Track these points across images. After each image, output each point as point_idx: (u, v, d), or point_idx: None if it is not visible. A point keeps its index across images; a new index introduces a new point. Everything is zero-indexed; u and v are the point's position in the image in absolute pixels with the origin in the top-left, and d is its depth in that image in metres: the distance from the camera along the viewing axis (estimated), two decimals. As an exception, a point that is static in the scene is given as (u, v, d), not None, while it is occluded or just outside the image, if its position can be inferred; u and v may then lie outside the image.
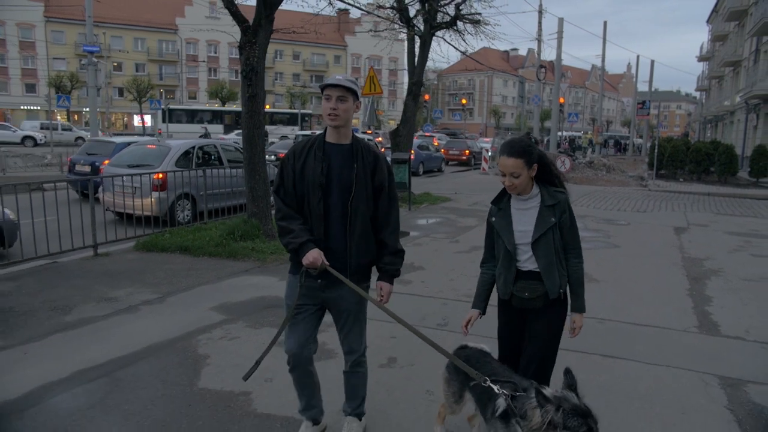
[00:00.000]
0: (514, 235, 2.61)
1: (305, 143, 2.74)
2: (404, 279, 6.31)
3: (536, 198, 2.61)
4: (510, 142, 2.58)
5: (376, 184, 2.71)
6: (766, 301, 5.80)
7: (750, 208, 13.91)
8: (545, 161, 2.62)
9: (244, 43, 7.41)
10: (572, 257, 2.65)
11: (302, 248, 2.60)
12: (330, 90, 2.59)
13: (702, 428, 3.20)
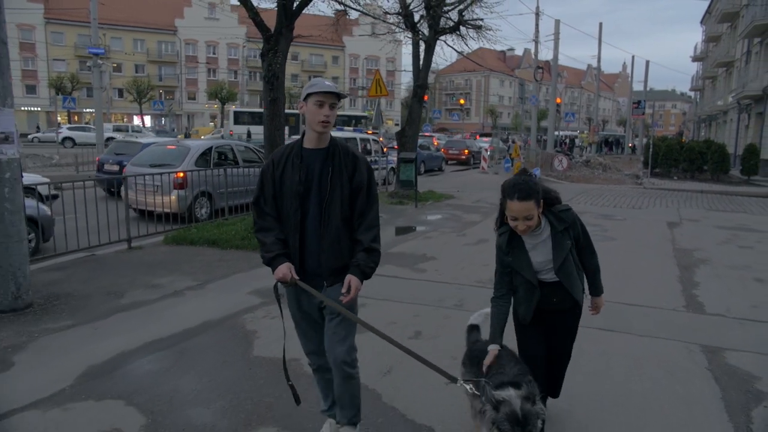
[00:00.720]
0: (534, 268, 2.70)
1: (284, 151, 2.73)
2: (419, 267, 6.91)
3: (546, 228, 2.68)
4: (515, 185, 2.58)
5: (355, 185, 2.68)
6: (746, 285, 6.41)
7: (740, 205, 14.55)
8: (549, 195, 2.72)
9: (266, 50, 7.98)
10: (587, 254, 2.83)
11: (273, 263, 2.65)
12: (324, 96, 2.57)
13: (685, 384, 3.80)
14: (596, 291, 2.96)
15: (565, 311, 2.79)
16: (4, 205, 4.89)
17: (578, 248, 2.77)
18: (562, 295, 2.73)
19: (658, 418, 3.34)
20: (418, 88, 13.54)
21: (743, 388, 3.73)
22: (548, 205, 2.70)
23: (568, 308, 2.79)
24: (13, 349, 4.21)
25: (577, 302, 2.78)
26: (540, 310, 2.76)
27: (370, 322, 4.68)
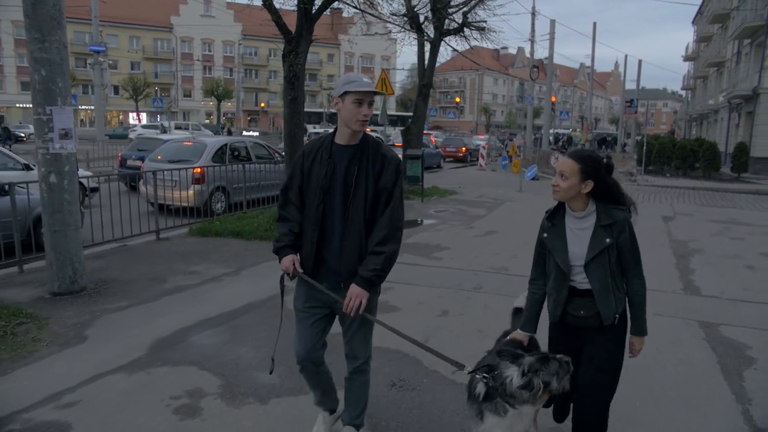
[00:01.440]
0: (569, 256, 2.48)
1: (316, 144, 2.70)
2: (435, 256, 7.40)
3: (591, 217, 2.47)
4: (580, 149, 2.58)
5: (381, 186, 2.59)
6: (738, 272, 6.96)
7: (731, 201, 15.16)
8: (607, 186, 2.47)
9: (288, 52, 8.42)
10: (633, 278, 2.50)
11: (280, 252, 2.67)
12: (364, 95, 2.51)
13: (686, 352, 4.31)
14: (637, 328, 2.53)
15: (595, 331, 2.48)
16: (64, 196, 5.32)
17: (622, 261, 2.47)
18: (591, 307, 2.46)
19: (664, 377, 3.85)
20: (423, 87, 14.02)
21: (736, 355, 4.26)
22: (606, 198, 2.47)
23: (598, 327, 2.47)
24: (82, 325, 4.66)
25: (612, 324, 2.46)
26: (568, 325, 2.55)
27: (399, 304, 5.21)
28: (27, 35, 5.08)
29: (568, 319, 2.53)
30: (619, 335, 2.50)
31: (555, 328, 2.62)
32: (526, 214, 11.18)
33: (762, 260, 7.68)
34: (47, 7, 5.02)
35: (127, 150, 15.13)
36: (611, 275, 2.44)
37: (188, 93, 68.20)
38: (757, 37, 24.67)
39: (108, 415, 3.23)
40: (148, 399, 3.44)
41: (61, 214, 5.33)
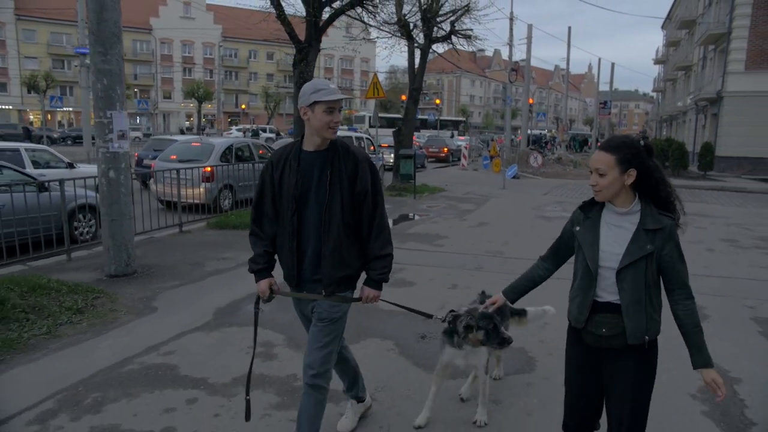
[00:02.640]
0: (600, 255, 2.17)
1: (282, 152, 2.65)
2: (437, 243, 8.30)
3: (635, 216, 2.15)
4: (611, 137, 2.25)
5: (358, 189, 2.57)
6: (700, 254, 8.03)
7: (697, 196, 16.40)
8: (654, 174, 2.16)
9: (298, 60, 9.26)
10: (681, 298, 2.16)
11: (257, 276, 2.69)
12: (335, 103, 2.50)
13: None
14: (703, 360, 2.16)
15: (617, 353, 2.18)
16: (120, 189, 6.08)
17: (665, 278, 2.16)
18: (615, 324, 2.14)
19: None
20: (413, 90, 14.94)
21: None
22: (654, 199, 2.17)
23: (621, 348, 2.16)
24: (148, 299, 5.43)
25: (640, 346, 2.15)
26: (587, 348, 2.26)
27: (413, 280, 6.07)
28: (91, 49, 5.83)
29: (586, 338, 2.23)
30: (648, 360, 2.18)
31: (573, 344, 2.34)
32: (512, 208, 12.21)
33: (720, 245, 8.78)
34: (109, 24, 5.78)
35: (142, 150, 15.83)
36: (646, 289, 2.10)
37: (168, 95, 68.09)
38: (720, 44, 26.23)
39: (203, 360, 4.04)
40: (230, 348, 4.26)
41: (118, 205, 6.08)
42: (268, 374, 3.85)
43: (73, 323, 4.68)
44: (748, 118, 23.30)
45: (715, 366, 2.20)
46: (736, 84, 24.03)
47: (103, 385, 3.59)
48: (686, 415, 3.39)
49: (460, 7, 14.30)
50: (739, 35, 23.73)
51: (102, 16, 5.73)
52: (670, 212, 2.17)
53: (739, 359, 4.22)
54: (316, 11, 9.03)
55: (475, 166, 26.97)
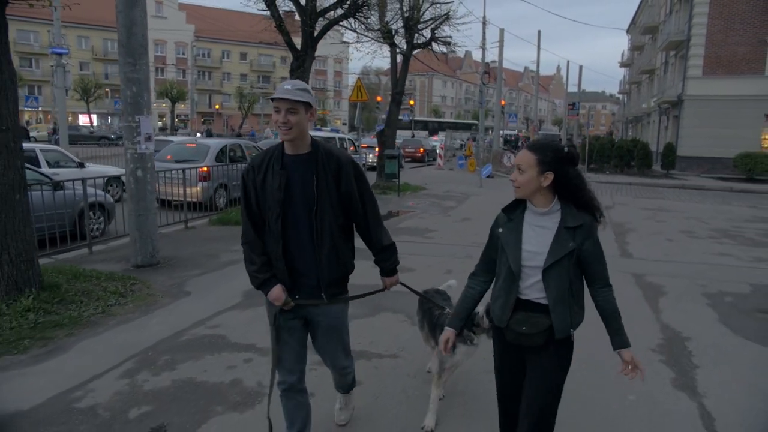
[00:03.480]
0: (522, 255, 2.23)
1: (264, 156, 2.62)
2: (427, 236, 9.09)
3: (556, 215, 2.23)
4: (538, 139, 2.33)
5: (343, 191, 2.58)
6: (660, 243, 9.03)
7: (660, 194, 17.63)
8: (569, 177, 2.22)
9: (295, 67, 9.92)
10: (600, 288, 2.30)
11: (265, 286, 2.59)
12: (278, 102, 2.44)
13: (621, 290, 6.08)
14: (620, 342, 2.30)
15: (537, 348, 2.26)
16: (147, 187, 6.69)
17: (587, 271, 2.28)
18: (536, 323, 2.22)
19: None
20: (396, 94, 15.73)
21: (654, 291, 6.17)
22: (570, 195, 2.24)
23: (542, 344, 2.24)
24: (179, 285, 6.07)
25: (554, 340, 2.23)
26: (508, 345, 2.34)
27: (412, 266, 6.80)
28: (121, 59, 6.44)
29: (507, 335, 2.29)
30: (563, 354, 2.28)
31: (498, 340, 2.41)
32: (491, 205, 13.04)
33: (678, 236, 9.81)
34: (138, 38, 6.39)
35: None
36: (570, 285, 2.20)
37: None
38: (680, 50, 27.75)
39: (246, 331, 4.73)
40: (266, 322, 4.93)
41: (145, 201, 6.69)
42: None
43: (120, 305, 5.30)
44: (706, 121, 24.80)
45: (670, 328, 2.97)
46: (695, 88, 25.52)
47: (169, 350, 4.26)
48: (648, 364, 4.23)
49: (439, 15, 15.13)
50: (696, 43, 25.23)
51: (132, 30, 6.35)
52: (590, 207, 2.25)
53: (689, 324, 5.11)
54: (312, 22, 9.71)
55: (450, 165, 27.87)
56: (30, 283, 5.07)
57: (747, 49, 24.46)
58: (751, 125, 24.42)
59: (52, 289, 5.23)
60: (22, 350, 4.22)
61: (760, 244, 9.26)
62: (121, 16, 6.32)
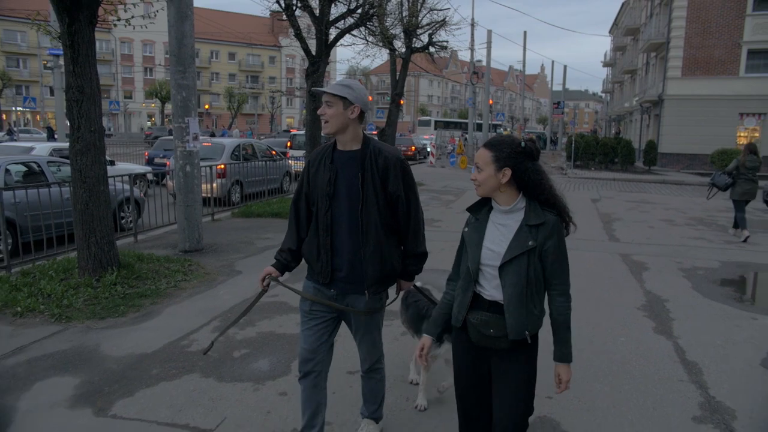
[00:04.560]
0: (482, 253, 2.18)
1: (320, 151, 2.71)
2: (435, 225, 10.05)
3: (519, 213, 2.18)
4: (494, 136, 2.31)
5: (390, 190, 2.59)
6: (643, 229, 10.09)
7: (642, 188, 18.81)
8: (527, 172, 2.15)
9: (311, 72, 10.81)
10: (557, 295, 2.18)
11: (274, 264, 2.86)
12: (324, 95, 2.58)
13: (611, 267, 7.18)
14: (561, 355, 2.22)
15: (507, 353, 2.20)
16: (194, 181, 7.55)
17: (545, 272, 2.17)
18: (500, 324, 2.16)
19: (599, 277, 6.68)
20: (396, 95, 16.68)
21: (639, 266, 7.20)
22: (531, 190, 2.19)
23: (510, 348, 2.19)
24: (229, 266, 6.95)
25: (521, 342, 2.17)
26: (476, 348, 2.26)
27: (429, 250, 7.70)
28: (172, 68, 7.29)
29: (472, 335, 2.23)
30: (531, 356, 2.22)
31: (459, 342, 2.34)
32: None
33: (659, 223, 10.90)
34: (187, 48, 7.25)
35: (152, 150, 16.99)
36: (527, 285, 2.12)
37: (129, 95, 67.58)
38: (660, 51, 29.06)
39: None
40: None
41: (192, 193, 7.56)
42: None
43: (186, 281, 6.18)
44: (685, 119, 26.11)
45: (652, 293, 3.89)
46: (675, 88, 26.82)
47: (244, 312, 5.16)
48: (634, 318, 5.23)
49: (436, 21, 16.11)
50: (675, 45, 26.52)
51: (182, 42, 7.21)
52: (552, 204, 2.19)
53: (667, 290, 6.13)
54: (326, 30, 10.61)
55: (442, 163, 28.85)
56: (111, 262, 5.93)
57: (722, 51, 25.81)
58: (727, 123, 25.77)
59: (128, 267, 6.09)
60: (121, 314, 5.09)
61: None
62: (173, 30, 7.17)
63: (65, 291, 5.43)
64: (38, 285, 5.57)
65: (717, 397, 3.66)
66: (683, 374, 4.00)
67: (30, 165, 8.45)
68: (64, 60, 5.62)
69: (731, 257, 8.01)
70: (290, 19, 10.39)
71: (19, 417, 3.31)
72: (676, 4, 26.31)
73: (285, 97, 73.53)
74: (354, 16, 11.25)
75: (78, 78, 5.57)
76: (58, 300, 5.24)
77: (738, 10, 25.40)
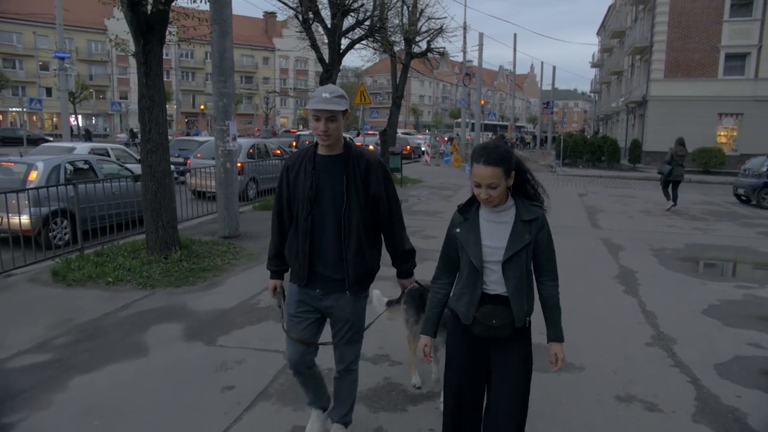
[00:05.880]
0: (483, 251, 2.28)
1: (298, 155, 2.76)
2: (438, 216, 11.24)
3: (511, 210, 2.31)
4: (485, 148, 2.28)
5: (372, 192, 2.68)
6: (623, 219, 11.39)
7: (627, 184, 20.17)
8: (522, 169, 2.33)
9: (325, 78, 11.96)
10: (547, 279, 2.36)
11: (271, 275, 2.93)
12: (318, 112, 2.55)
13: (594, 249, 8.41)
14: (555, 335, 2.38)
15: (507, 340, 2.33)
16: (232, 176, 8.70)
17: (536, 261, 2.35)
18: (504, 315, 2.28)
19: (582, 255, 7.90)
20: (396, 98, 17.86)
21: (616, 247, 8.46)
22: (523, 192, 2.35)
23: (510, 336, 2.32)
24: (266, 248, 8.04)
25: (518, 331, 2.32)
26: (476, 339, 2.35)
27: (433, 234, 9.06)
28: (214, 78, 8.43)
29: (475, 329, 2.34)
30: (528, 339, 2.39)
31: (460, 339, 2.41)
32: (483, 193, 15.38)
33: (638, 214, 12.21)
34: (228, 61, 8.39)
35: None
36: (526, 275, 2.30)
37: (124, 95, 68.21)
38: (644, 54, 30.47)
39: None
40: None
41: (231, 187, 8.70)
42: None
43: (236, 259, 7.33)
44: (668, 119, 27.49)
45: (625, 267, 5.06)
46: (658, 90, 28.22)
47: (293, 281, 6.32)
48: (609, 284, 6.44)
49: (434, 29, 17.34)
50: (658, 48, 27.93)
51: (224, 55, 8.34)
52: (538, 201, 2.36)
53: (637, 264, 7.39)
54: (338, 40, 11.78)
55: (437, 161, 30.06)
56: (174, 243, 7.06)
57: (702, 55, 27.26)
58: (707, 123, 27.21)
59: (187, 248, 7.23)
60: (192, 283, 6.24)
61: (700, 219, 11.76)
62: (216, 45, 8.30)
63: (142, 266, 6.56)
64: (116, 262, 6.70)
65: (665, 332, 4.89)
66: (642, 319, 5.24)
67: (82, 163, 9.54)
68: (138, 73, 6.72)
69: (696, 240, 9.29)
70: (307, 31, 11.53)
71: (150, 350, 4.45)
72: (659, 10, 27.71)
73: (279, 97, 74.46)
74: (363, 28, 12.41)
75: (150, 89, 6.68)
76: (138, 272, 6.37)
77: (716, 16, 26.85)
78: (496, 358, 2.35)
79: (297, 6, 11.36)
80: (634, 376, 4.00)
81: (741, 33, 26.61)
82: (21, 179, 8.27)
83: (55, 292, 5.92)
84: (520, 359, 2.33)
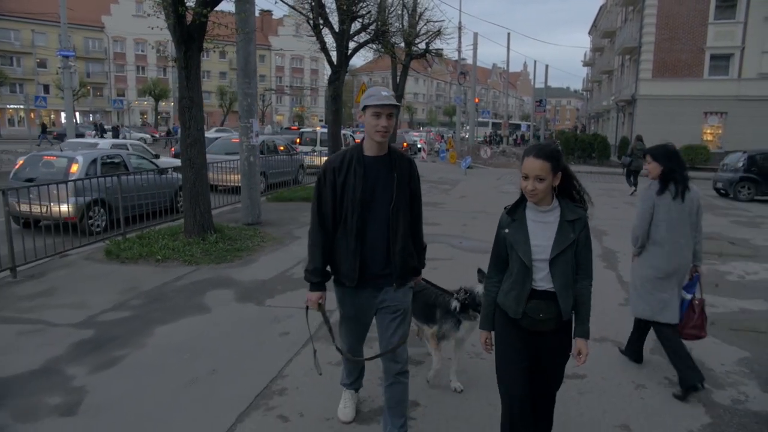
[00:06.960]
0: (531, 249, 2.44)
1: (343, 157, 2.79)
2: (441, 207, 12.19)
3: (556, 211, 2.47)
4: (537, 145, 2.47)
5: (412, 190, 2.85)
6: (609, 209, 12.40)
7: (615, 179, 21.18)
8: (569, 172, 2.49)
9: (333, 79, 12.85)
10: (582, 278, 2.51)
11: (312, 287, 2.89)
12: (381, 108, 2.62)
13: (580, 233, 9.39)
14: (583, 331, 2.52)
15: (552, 333, 2.51)
16: (255, 169, 9.60)
17: (576, 259, 2.48)
18: (550, 309, 2.45)
19: (571, 239, 8.87)
20: (398, 97, 18.78)
21: (600, 233, 9.45)
22: (569, 196, 2.53)
23: (555, 329, 2.51)
24: (288, 233, 8.99)
25: (562, 324, 2.51)
26: (524, 331, 2.52)
27: (439, 221, 9.99)
28: (239, 79, 9.31)
29: (523, 322, 2.49)
30: (570, 330, 2.56)
31: (508, 332, 2.56)
32: (478, 187, 16.35)
33: (623, 205, 13.24)
34: (252, 64, 9.28)
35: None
36: (572, 272, 2.45)
37: (122, 93, 68.63)
38: (633, 54, 31.54)
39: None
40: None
41: (254, 177, 9.61)
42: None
43: (264, 242, 8.23)
44: (656, 117, 28.56)
45: (607, 248, 6.00)
46: (646, 89, 29.30)
47: (319, 258, 7.24)
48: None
49: (432, 32, 18.29)
50: (647, 49, 29.00)
51: (248, 59, 9.23)
52: (581, 204, 2.53)
53: (618, 245, 8.34)
54: (345, 43, 12.67)
55: (433, 158, 30.96)
56: (209, 228, 7.96)
57: (688, 55, 28.35)
58: (693, 121, 28.31)
59: (220, 231, 8.13)
60: (229, 261, 7.14)
61: (680, 210, 12.75)
62: (241, 50, 9.19)
63: (183, 246, 7.46)
64: (160, 243, 7.59)
65: (637, 295, 5.85)
66: (619, 287, 6.22)
67: (115, 157, 10.40)
68: (179, 77, 7.60)
69: (674, 227, 10.27)
70: (318, 36, 12.41)
71: (212, 309, 5.36)
72: (647, 12, 28.77)
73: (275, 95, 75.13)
74: (368, 32, 13.31)
75: (189, 90, 7.57)
76: (182, 252, 7.27)
77: (702, 19, 27.94)
78: (545, 349, 2.54)
79: (308, 12, 12.22)
80: (607, 325, 4.96)
81: (725, 35, 27.72)
82: (63, 172, 9.14)
83: (112, 268, 6.81)
84: (565, 349, 2.58)
